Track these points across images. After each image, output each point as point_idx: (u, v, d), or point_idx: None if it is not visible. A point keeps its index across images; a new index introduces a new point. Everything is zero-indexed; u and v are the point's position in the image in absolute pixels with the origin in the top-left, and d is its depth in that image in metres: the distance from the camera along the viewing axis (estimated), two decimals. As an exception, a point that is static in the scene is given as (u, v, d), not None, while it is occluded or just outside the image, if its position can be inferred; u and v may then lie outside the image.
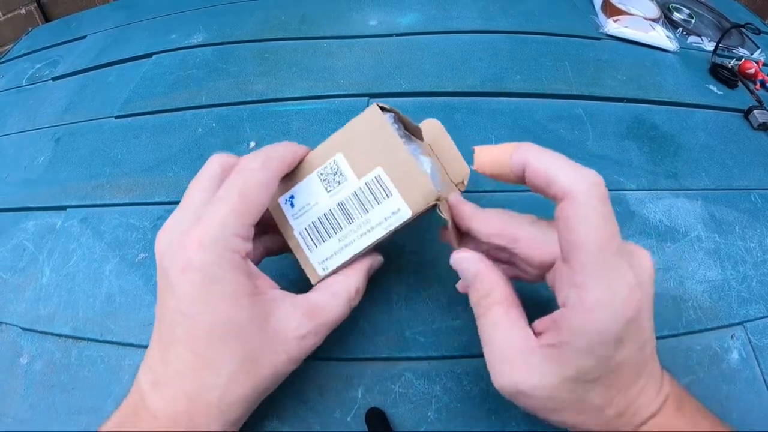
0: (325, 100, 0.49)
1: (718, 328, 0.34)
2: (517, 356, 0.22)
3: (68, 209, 0.43)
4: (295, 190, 0.29)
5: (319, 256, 0.28)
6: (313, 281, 0.28)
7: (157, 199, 0.42)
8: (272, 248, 0.31)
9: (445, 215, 0.27)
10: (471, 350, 0.32)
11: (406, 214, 0.26)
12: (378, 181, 0.27)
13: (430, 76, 0.51)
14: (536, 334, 0.23)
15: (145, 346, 0.33)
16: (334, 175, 0.28)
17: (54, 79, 0.61)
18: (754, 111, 0.48)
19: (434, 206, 0.27)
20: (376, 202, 0.27)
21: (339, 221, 0.28)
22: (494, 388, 0.30)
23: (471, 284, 0.25)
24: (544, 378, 0.21)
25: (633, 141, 0.45)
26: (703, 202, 0.41)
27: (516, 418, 0.30)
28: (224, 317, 0.23)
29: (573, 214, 0.19)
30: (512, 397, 0.23)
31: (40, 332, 0.35)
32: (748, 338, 0.33)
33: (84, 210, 0.42)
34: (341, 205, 0.27)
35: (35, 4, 1.35)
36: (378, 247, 0.28)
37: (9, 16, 1.34)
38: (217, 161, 0.27)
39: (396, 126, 0.28)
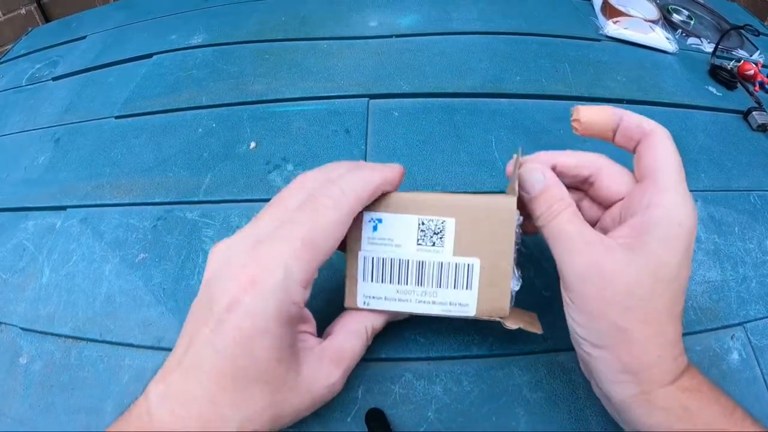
0: (325, 100, 0.49)
1: (718, 328, 0.34)
2: (599, 245, 0.23)
3: (68, 209, 0.43)
4: (386, 216, 0.26)
5: (368, 290, 0.27)
6: (346, 304, 0.27)
7: (157, 200, 0.42)
8: None
9: (510, 327, 0.27)
10: (471, 350, 0.32)
11: (469, 312, 0.26)
12: (468, 270, 0.26)
13: (430, 77, 0.51)
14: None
15: (145, 347, 0.33)
16: (435, 234, 0.26)
17: (54, 79, 0.61)
18: (753, 112, 0.49)
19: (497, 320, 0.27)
20: (453, 286, 0.26)
21: (409, 276, 0.26)
22: (494, 388, 0.31)
23: (541, 192, 0.26)
24: (627, 265, 0.23)
25: (632, 142, 0.45)
26: (702, 203, 0.41)
27: (516, 418, 0.30)
28: (261, 368, 0.22)
29: (659, 143, 0.25)
30: (590, 285, 0.23)
31: (40, 332, 0.35)
32: (748, 339, 0.33)
33: (84, 210, 0.42)
34: (421, 265, 0.26)
35: (35, 5, 1.35)
36: None
37: (9, 16, 1.34)
38: (309, 186, 0.24)
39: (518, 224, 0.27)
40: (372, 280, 0.27)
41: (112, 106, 0.53)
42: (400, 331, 0.33)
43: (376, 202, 0.26)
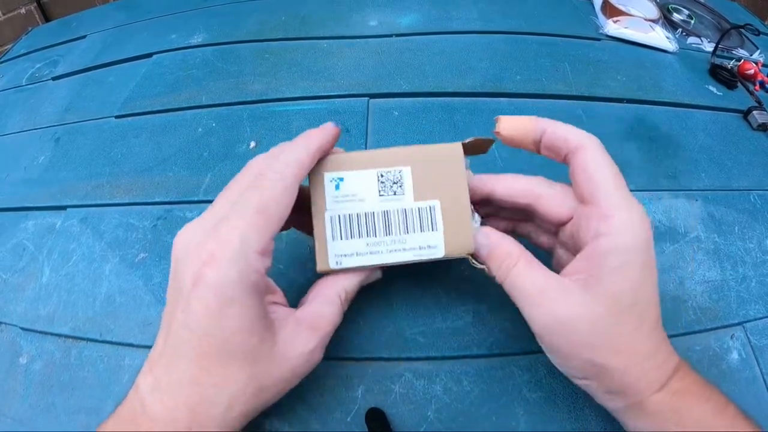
0: (325, 100, 0.49)
1: (717, 328, 0.34)
2: (554, 292, 0.24)
3: (68, 209, 0.43)
4: (347, 174, 0.28)
5: (339, 249, 0.27)
6: (318, 268, 0.27)
7: (157, 199, 0.42)
8: (296, 224, 0.30)
9: (476, 265, 0.28)
10: (471, 350, 0.32)
11: (438, 253, 0.27)
12: (430, 212, 0.27)
13: (430, 77, 0.51)
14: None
15: (145, 347, 0.33)
16: (394, 183, 0.28)
17: (54, 78, 0.61)
18: (754, 112, 0.49)
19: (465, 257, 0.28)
20: (419, 229, 0.27)
21: (377, 228, 0.27)
22: (494, 388, 0.31)
23: (488, 254, 0.26)
24: (585, 307, 0.23)
25: (633, 141, 0.45)
26: (702, 203, 0.41)
27: (516, 418, 0.30)
28: (235, 340, 0.22)
29: (590, 159, 0.25)
30: (554, 335, 0.24)
31: (40, 332, 0.35)
32: (748, 338, 0.33)
33: (84, 210, 0.42)
34: (386, 214, 0.27)
35: (35, 4, 1.34)
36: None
37: (9, 15, 1.34)
38: (255, 168, 0.25)
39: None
40: (341, 238, 0.27)
41: (112, 105, 0.53)
42: (400, 331, 0.33)
43: (334, 163, 0.28)
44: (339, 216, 0.27)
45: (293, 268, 0.35)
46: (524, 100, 0.49)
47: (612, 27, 0.58)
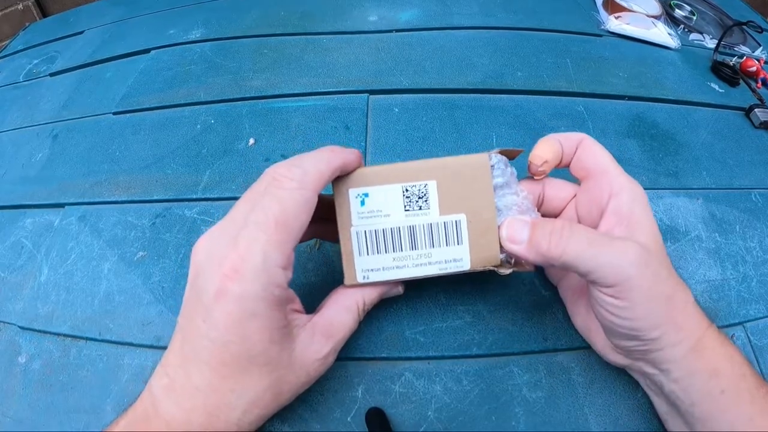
0: (325, 96, 0.49)
1: (718, 328, 0.34)
2: (616, 242, 0.25)
3: (66, 207, 0.43)
4: (372, 190, 0.27)
5: (365, 264, 0.27)
6: (346, 282, 0.28)
7: (155, 197, 0.42)
8: (303, 239, 0.30)
9: (504, 272, 0.28)
10: (471, 350, 0.32)
11: (465, 266, 0.27)
12: (456, 226, 0.27)
13: (431, 73, 0.50)
14: None
15: (145, 346, 0.33)
16: (419, 198, 0.27)
17: (51, 74, 0.61)
18: (756, 109, 0.48)
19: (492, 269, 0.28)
20: (445, 243, 0.27)
21: (403, 242, 0.27)
22: (494, 388, 0.31)
23: (532, 230, 0.26)
24: (643, 247, 0.25)
25: (634, 139, 0.45)
26: (703, 201, 0.41)
27: (516, 418, 0.30)
28: (257, 350, 0.23)
29: (593, 145, 0.29)
30: (627, 281, 0.24)
31: (39, 331, 0.35)
32: (748, 338, 0.33)
33: (82, 207, 0.42)
34: (412, 229, 0.27)
35: (33, 0, 1.33)
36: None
37: (6, 11, 1.33)
38: (273, 174, 0.25)
39: (507, 171, 0.28)
40: (368, 254, 0.27)
41: (110, 102, 0.52)
42: (400, 331, 0.33)
43: (359, 179, 0.27)
44: (365, 231, 0.27)
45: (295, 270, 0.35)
46: (525, 97, 0.49)
47: (614, 23, 0.57)
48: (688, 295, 0.26)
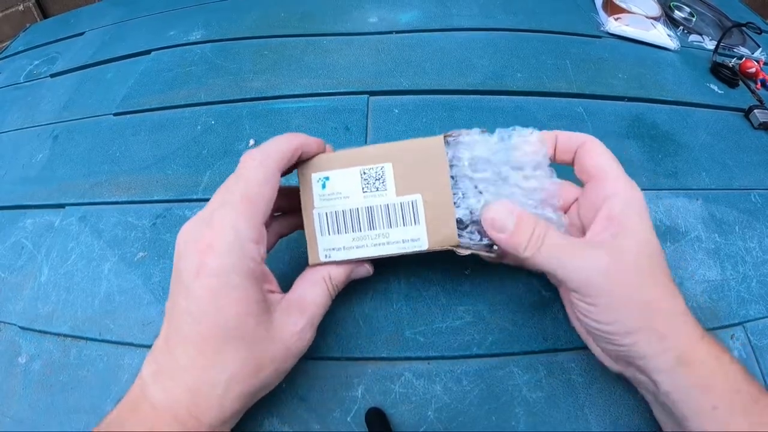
0: (325, 97, 0.49)
1: (718, 328, 0.34)
2: (593, 248, 0.25)
3: (66, 207, 0.43)
4: (332, 174, 0.29)
5: (327, 244, 0.29)
6: (310, 262, 0.29)
7: (156, 198, 0.42)
8: (285, 231, 0.32)
9: (463, 253, 0.28)
10: (471, 350, 0.32)
11: (423, 246, 0.28)
12: (412, 206, 0.28)
13: (431, 74, 0.51)
14: None
15: (145, 346, 0.33)
16: (377, 180, 0.28)
17: (52, 76, 0.61)
18: (755, 110, 0.48)
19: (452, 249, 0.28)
20: (402, 223, 0.28)
21: (361, 223, 0.28)
22: (494, 388, 0.31)
23: (516, 225, 0.26)
24: (623, 253, 0.25)
25: (633, 140, 0.45)
26: (703, 202, 0.41)
27: (516, 418, 0.30)
28: (233, 323, 0.24)
29: (596, 147, 0.28)
30: (599, 288, 0.25)
31: (39, 331, 0.35)
32: (748, 338, 0.33)
33: (82, 208, 0.42)
34: (370, 210, 0.28)
35: (33, 1, 1.34)
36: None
37: (7, 12, 1.33)
38: (240, 161, 0.27)
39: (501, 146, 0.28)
40: (329, 234, 0.29)
41: (111, 102, 0.52)
42: (400, 331, 0.33)
43: (320, 164, 0.29)
44: (326, 213, 0.29)
45: (294, 269, 0.35)
46: (525, 98, 0.49)
47: (613, 24, 0.58)
48: (679, 304, 0.25)
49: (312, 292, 0.28)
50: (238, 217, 0.24)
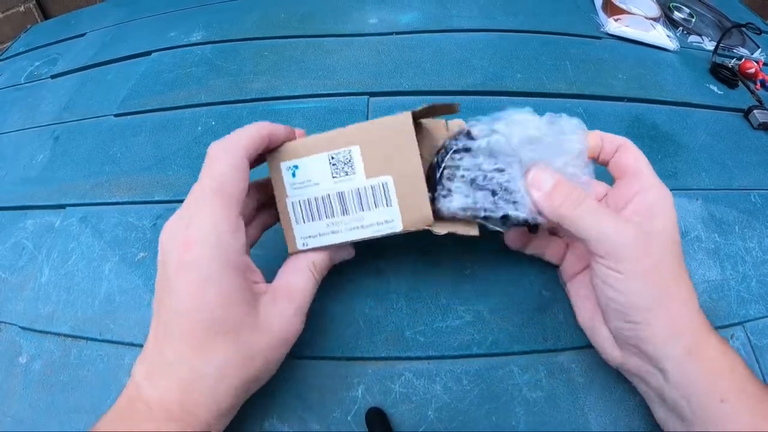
0: (325, 98, 0.49)
1: (718, 328, 0.34)
2: (624, 221, 0.26)
3: (67, 208, 0.43)
4: (301, 162, 0.29)
5: (303, 232, 0.29)
6: (290, 250, 0.29)
7: (156, 198, 0.42)
8: (269, 223, 0.32)
9: (439, 232, 0.28)
10: (471, 350, 0.32)
11: (396, 227, 0.27)
12: (383, 188, 0.27)
13: (431, 75, 0.51)
14: None
15: (145, 346, 0.33)
16: (345, 164, 0.28)
17: (53, 77, 0.61)
18: (755, 111, 0.48)
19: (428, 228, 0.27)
20: (374, 206, 0.28)
21: (334, 208, 0.28)
22: (494, 388, 0.31)
23: (554, 186, 0.27)
24: (652, 235, 0.26)
25: (633, 140, 0.44)
26: (703, 202, 0.41)
27: (516, 417, 0.30)
28: (218, 315, 0.24)
29: (632, 147, 0.30)
30: (639, 244, 0.26)
31: (39, 331, 0.35)
32: (748, 338, 0.33)
33: (83, 209, 0.42)
34: (341, 195, 0.28)
35: (34, 2, 1.34)
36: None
37: (8, 13, 1.33)
38: (208, 153, 0.27)
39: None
40: (304, 222, 0.29)
41: (111, 103, 0.52)
42: (400, 331, 0.33)
43: (289, 152, 0.29)
44: (300, 201, 0.29)
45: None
46: (525, 99, 0.49)
47: (613, 25, 0.58)
48: (693, 299, 0.26)
49: (297, 279, 0.28)
50: (212, 210, 0.25)
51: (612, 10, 0.60)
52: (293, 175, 0.29)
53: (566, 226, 0.27)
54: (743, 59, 0.55)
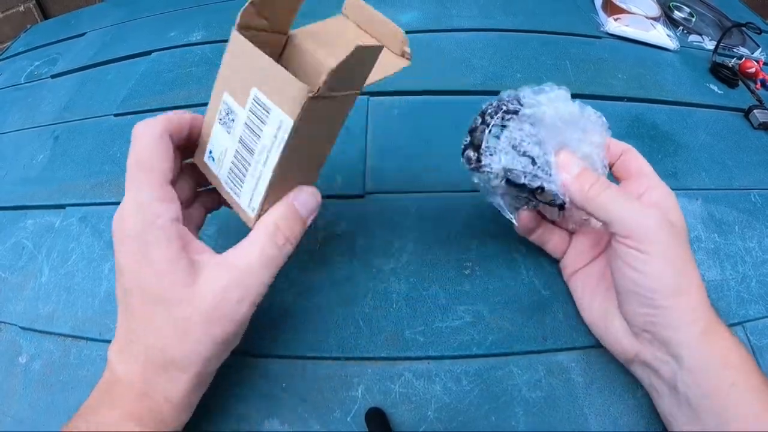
0: (325, 98, 0.49)
1: (718, 328, 0.34)
2: (646, 207, 0.28)
3: (67, 208, 0.43)
4: (210, 143, 0.29)
5: (245, 199, 0.28)
6: (250, 225, 0.28)
7: (156, 198, 0.42)
8: (210, 206, 0.32)
9: (327, 94, 0.24)
10: (471, 350, 0.32)
11: (288, 123, 0.24)
12: (257, 102, 0.25)
13: (431, 75, 0.51)
14: None
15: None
16: (228, 114, 0.27)
17: (53, 76, 0.61)
18: (755, 110, 0.48)
19: (315, 100, 0.24)
20: (262, 124, 0.25)
21: (245, 157, 0.27)
22: (494, 388, 0.31)
23: (582, 171, 0.29)
24: (672, 220, 0.28)
25: (633, 140, 0.45)
26: (703, 202, 0.41)
27: (516, 418, 0.30)
28: (152, 284, 0.24)
29: (636, 154, 0.32)
30: (665, 227, 0.27)
31: (39, 331, 0.35)
32: (748, 338, 0.33)
33: (83, 209, 0.42)
34: (242, 141, 0.27)
35: (34, 2, 1.34)
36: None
37: (8, 13, 1.33)
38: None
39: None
40: (240, 189, 0.28)
41: (111, 103, 0.52)
42: (400, 331, 0.33)
43: (202, 143, 0.29)
44: (227, 177, 0.28)
45: (293, 267, 0.35)
46: (525, 99, 0.49)
47: (613, 25, 0.58)
48: (703, 287, 0.27)
49: (248, 249, 0.26)
50: (138, 183, 0.25)
51: (612, 9, 0.60)
52: (212, 159, 0.29)
53: (590, 209, 0.28)
54: (743, 59, 0.55)
